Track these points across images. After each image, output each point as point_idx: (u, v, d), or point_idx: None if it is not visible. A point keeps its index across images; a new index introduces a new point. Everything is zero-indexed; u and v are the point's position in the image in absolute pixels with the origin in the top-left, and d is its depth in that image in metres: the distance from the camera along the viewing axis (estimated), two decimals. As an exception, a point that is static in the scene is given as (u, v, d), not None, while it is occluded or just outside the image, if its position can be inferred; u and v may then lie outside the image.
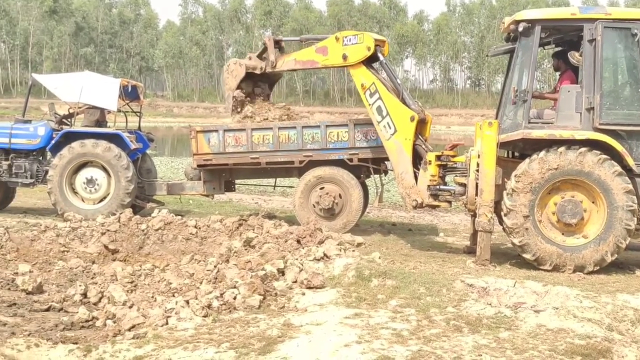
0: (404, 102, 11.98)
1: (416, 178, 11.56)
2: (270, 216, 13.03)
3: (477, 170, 10.14)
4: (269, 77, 13.89)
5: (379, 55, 12.28)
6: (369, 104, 12.02)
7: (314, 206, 12.72)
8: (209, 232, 11.09)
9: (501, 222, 10.57)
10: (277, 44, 13.31)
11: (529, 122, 10.06)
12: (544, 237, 9.81)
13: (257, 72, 13.19)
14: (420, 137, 11.91)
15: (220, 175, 13.88)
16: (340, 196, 12.67)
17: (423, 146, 11.79)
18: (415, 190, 11.52)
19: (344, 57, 12.27)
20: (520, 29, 10.03)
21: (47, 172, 14.00)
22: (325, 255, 8.75)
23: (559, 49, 11.09)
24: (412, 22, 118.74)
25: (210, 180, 13.85)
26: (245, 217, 11.66)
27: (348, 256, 8.78)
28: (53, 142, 14.07)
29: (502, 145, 10.29)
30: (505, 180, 10.08)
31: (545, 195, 9.88)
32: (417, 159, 11.77)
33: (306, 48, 13.00)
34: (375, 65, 12.64)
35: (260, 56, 13.27)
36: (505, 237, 11.18)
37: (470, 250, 11.17)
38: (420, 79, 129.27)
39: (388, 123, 11.81)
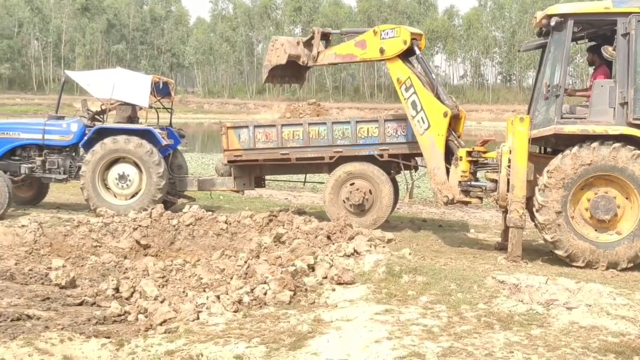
0: (439, 98, 11.90)
1: (448, 174, 11.50)
2: (300, 212, 13.01)
3: (509, 166, 10.06)
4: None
5: (415, 49, 12.17)
6: (404, 99, 11.96)
7: (344, 202, 12.71)
8: (240, 228, 11.12)
9: (533, 218, 10.49)
10: (325, 36, 13.24)
11: (562, 118, 9.96)
12: (576, 234, 9.72)
13: (299, 62, 13.12)
14: (453, 132, 11.82)
15: (251, 171, 13.93)
16: (370, 192, 12.65)
17: (455, 142, 11.70)
18: (446, 186, 11.45)
19: (381, 51, 12.17)
20: (553, 23, 9.92)
21: (79, 168, 14.13)
22: (355, 251, 8.72)
23: (593, 43, 10.95)
24: (442, 18, 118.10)
25: (241, 176, 13.91)
26: (276, 213, 11.68)
27: (378, 252, 8.75)
28: (86, 138, 14.19)
29: (534, 140, 10.21)
30: (537, 176, 9.99)
31: (578, 191, 9.79)
32: (450, 155, 11.70)
33: (346, 42, 12.91)
34: (411, 58, 12.54)
35: (307, 44, 13.15)
36: (537, 234, 11.09)
37: (502, 247, 11.09)
38: (450, 74, 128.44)
39: (422, 118, 11.74)
